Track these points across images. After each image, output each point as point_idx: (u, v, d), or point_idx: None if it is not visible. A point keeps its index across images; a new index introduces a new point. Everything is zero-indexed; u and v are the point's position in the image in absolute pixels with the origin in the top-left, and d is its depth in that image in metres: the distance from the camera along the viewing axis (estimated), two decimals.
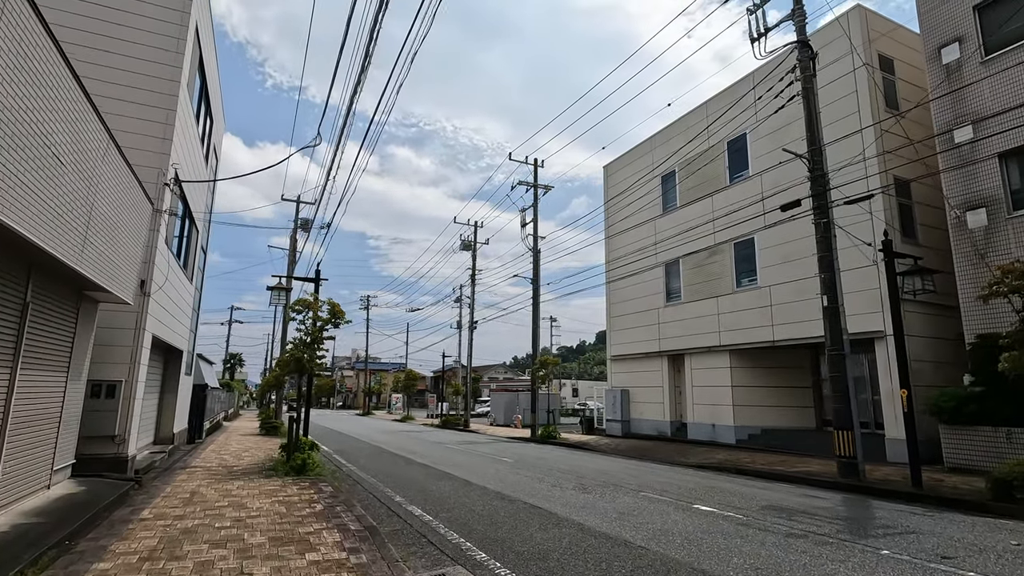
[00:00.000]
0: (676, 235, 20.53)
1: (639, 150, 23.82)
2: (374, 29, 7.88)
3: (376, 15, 7.63)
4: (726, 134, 18.88)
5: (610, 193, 25.07)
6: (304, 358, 11.53)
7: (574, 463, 13.61)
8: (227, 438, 19.53)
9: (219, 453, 14.27)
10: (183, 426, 16.13)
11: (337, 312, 11.58)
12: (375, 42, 8.15)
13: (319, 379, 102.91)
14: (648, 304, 22.06)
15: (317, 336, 11.75)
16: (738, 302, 17.94)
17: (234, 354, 53.97)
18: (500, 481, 10.31)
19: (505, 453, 16.03)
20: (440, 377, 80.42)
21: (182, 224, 13.01)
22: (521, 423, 30.50)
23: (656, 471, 12.42)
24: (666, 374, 20.87)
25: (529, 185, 25.28)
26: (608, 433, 22.84)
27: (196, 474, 10.30)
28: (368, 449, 17.15)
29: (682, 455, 15.59)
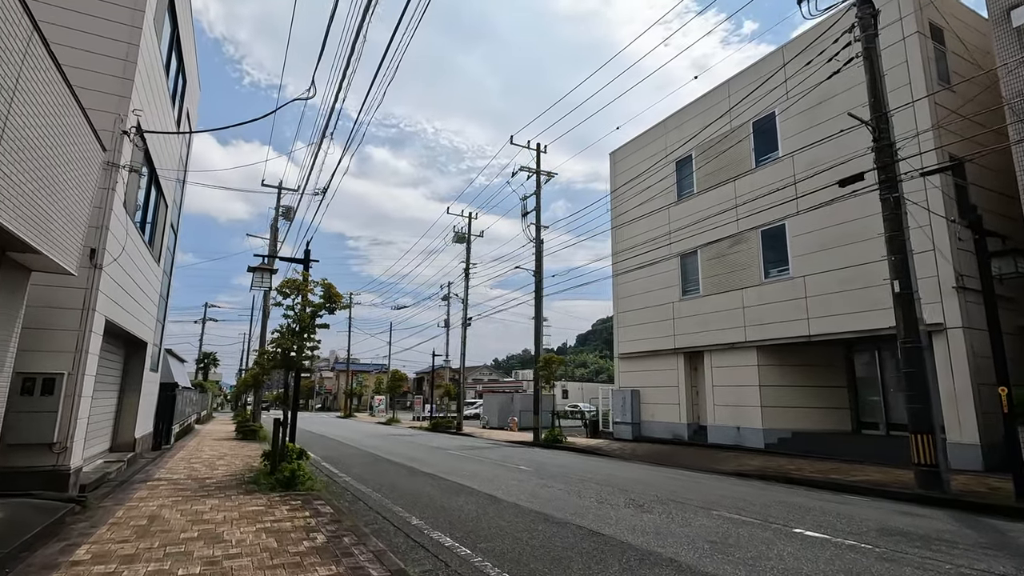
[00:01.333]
0: (693, 224, 19.09)
1: (650, 134, 22.36)
2: (358, 37, 7.43)
3: (360, 24, 7.21)
4: (752, 114, 17.51)
5: (617, 181, 23.57)
6: (293, 350, 9.69)
7: (602, 472, 11.97)
8: (199, 443, 17.45)
9: (189, 461, 12.29)
10: (147, 430, 14.07)
11: (333, 295, 9.76)
12: (359, 56, 7.41)
13: None
14: (661, 298, 20.57)
15: (308, 324, 9.91)
16: (766, 294, 16.53)
17: (208, 353, 51.13)
18: (532, 496, 8.61)
19: (516, 459, 14.32)
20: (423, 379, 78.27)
21: (148, 192, 11.05)
22: (517, 426, 28.80)
23: (701, 481, 10.84)
24: (682, 373, 19.39)
25: (531, 171, 23.65)
26: (616, 436, 21.28)
27: (159, 490, 8.39)
28: (361, 456, 15.28)
29: (712, 461, 14.09)
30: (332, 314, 9.98)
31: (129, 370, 12.41)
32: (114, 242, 8.29)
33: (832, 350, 16.34)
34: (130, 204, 9.28)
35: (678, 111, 21.29)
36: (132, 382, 12.38)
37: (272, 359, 9.89)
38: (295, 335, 9.82)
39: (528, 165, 23.69)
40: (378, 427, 33.63)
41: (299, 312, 9.97)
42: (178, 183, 14.79)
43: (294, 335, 9.81)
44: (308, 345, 9.92)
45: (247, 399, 48.94)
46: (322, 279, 9.88)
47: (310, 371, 13.62)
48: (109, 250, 8.09)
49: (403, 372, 43.27)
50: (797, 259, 15.75)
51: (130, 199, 9.24)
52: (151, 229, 12.00)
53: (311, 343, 9.95)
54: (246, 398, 47.97)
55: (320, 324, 10.08)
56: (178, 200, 15.49)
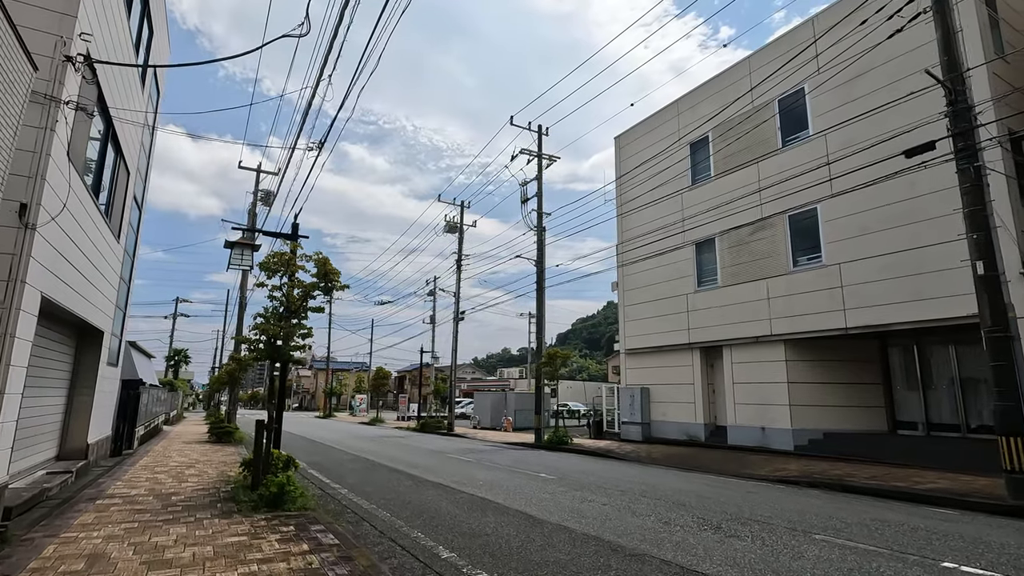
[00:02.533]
0: (710, 210, 17.81)
1: (661, 116, 21.02)
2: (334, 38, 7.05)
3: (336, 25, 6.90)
4: (778, 91, 16.26)
5: (624, 166, 22.20)
6: (279, 338, 8.00)
7: (633, 479, 10.51)
8: (167, 447, 15.53)
9: (153, 470, 10.49)
10: (104, 433, 12.19)
11: (329, 272, 8.09)
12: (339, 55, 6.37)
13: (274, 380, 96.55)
14: (673, 289, 19.25)
15: (299, 307, 8.24)
16: (795, 284, 15.29)
17: (179, 350, 48.43)
18: (576, 515, 7.10)
19: (530, 465, 12.79)
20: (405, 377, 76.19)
21: (103, 149, 9.22)
22: (512, 426, 27.29)
23: (754, 491, 9.46)
24: (698, 369, 18.08)
25: (532, 154, 22.14)
26: (624, 437, 19.90)
27: (111, 512, 6.66)
28: (353, 462, 13.59)
29: (742, 465, 12.79)
30: (328, 295, 8.33)
31: (81, 364, 10.54)
32: (53, 198, 6.52)
33: (865, 344, 15.19)
34: (78, 157, 7.49)
35: (692, 91, 19.99)
36: (85, 378, 10.52)
37: (254, 349, 8.19)
38: (282, 320, 8.13)
39: (529, 148, 22.17)
40: (362, 428, 31.78)
41: (287, 292, 8.29)
42: (143, 151, 12.89)
43: (281, 319, 8.13)
44: (299, 332, 8.24)
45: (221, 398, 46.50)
46: (316, 253, 8.22)
47: (301, 363, 11.74)
48: (46, 206, 6.32)
49: (387, 370, 41.33)
50: (831, 245, 14.53)
51: (78, 150, 7.46)
52: (109, 196, 10.16)
53: (302, 330, 8.27)
54: (219, 397, 45.56)
55: (313, 307, 8.41)
56: (143, 171, 13.58)
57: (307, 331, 8.28)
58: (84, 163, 7.85)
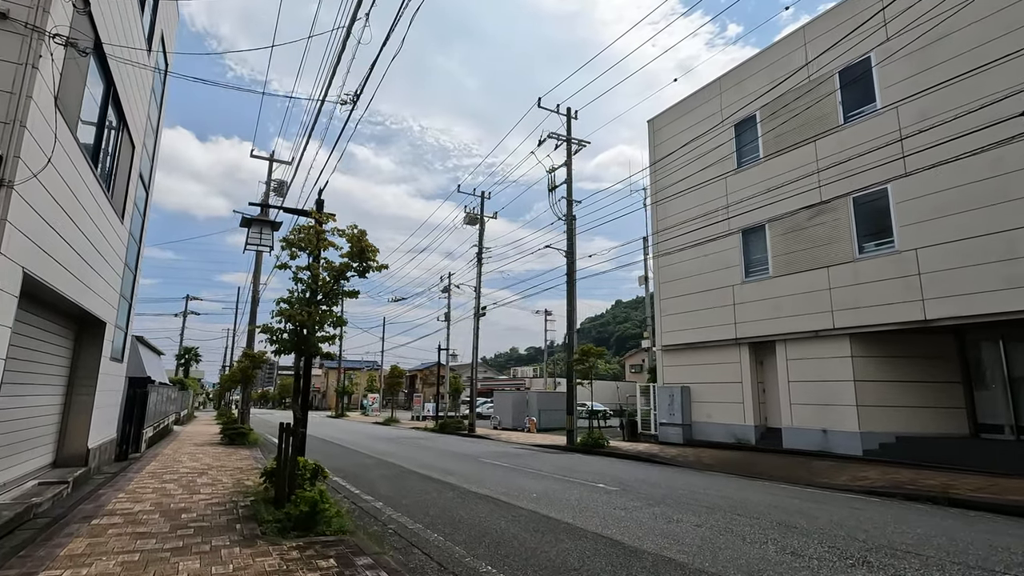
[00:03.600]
0: (759, 195, 16.45)
1: (700, 96, 19.65)
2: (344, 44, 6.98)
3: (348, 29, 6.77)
4: (839, 63, 14.85)
5: (659, 151, 20.84)
6: (308, 325, 6.76)
7: (709, 491, 9.20)
8: (177, 450, 14.40)
9: (162, 479, 9.31)
10: (108, 435, 11.04)
11: (366, 249, 6.84)
12: None
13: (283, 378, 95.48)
14: (717, 281, 17.89)
15: (330, 290, 7.00)
16: (862, 272, 13.90)
17: (189, 348, 47.50)
18: (676, 542, 5.81)
19: (577, 472, 11.50)
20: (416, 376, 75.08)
21: (103, 111, 8.03)
22: (536, 427, 26.02)
23: (863, 508, 8.11)
24: (746, 367, 16.72)
25: (561, 138, 20.83)
26: (662, 440, 18.57)
27: (108, 536, 5.45)
28: (379, 467, 12.37)
29: (812, 472, 11.47)
30: (363, 277, 7.07)
31: (81, 358, 9.38)
32: (35, 151, 5.32)
33: (940, 339, 13.77)
34: (69, 109, 6.29)
35: (736, 68, 18.61)
36: (85, 374, 9.36)
37: (276, 340, 6.96)
38: (311, 305, 6.89)
39: (558, 132, 20.85)
40: (377, 428, 30.64)
41: (314, 272, 7.06)
42: (150, 126, 11.73)
43: (308, 305, 6.89)
44: (330, 320, 7.00)
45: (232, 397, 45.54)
46: (349, 226, 6.96)
47: (330, 356, 10.23)
48: (26, 160, 5.12)
49: (402, 369, 40.19)
50: (906, 229, 13.12)
51: (69, 100, 6.26)
52: (110, 168, 8.98)
53: (332, 317, 7.03)
54: (231, 396, 44.60)
55: (347, 291, 7.17)
56: (151, 150, 12.41)
57: (339, 319, 7.03)
58: (77, 118, 6.65)
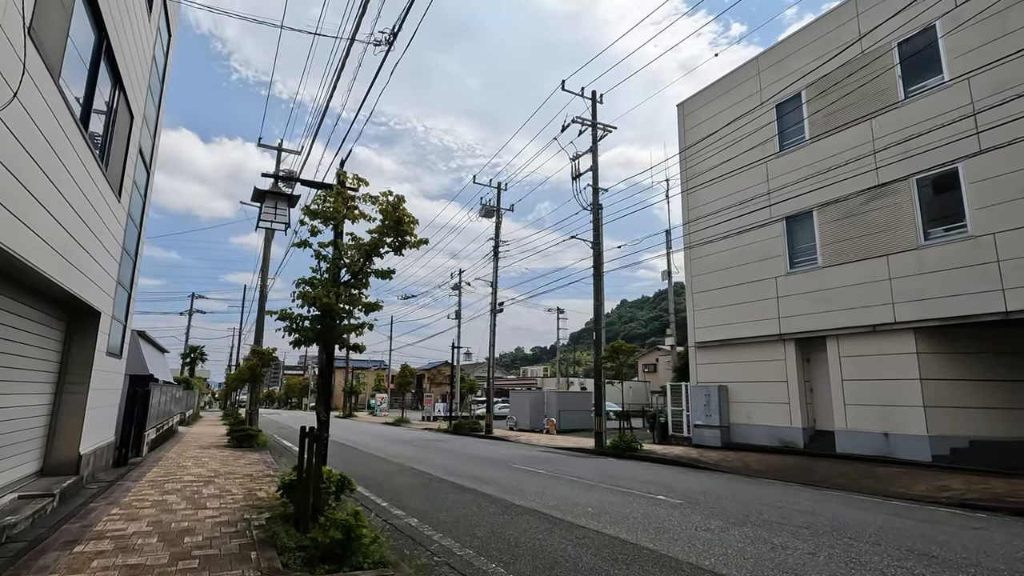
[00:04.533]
0: (805, 179, 15.25)
1: (736, 76, 18.46)
2: None
3: None
4: (898, 34, 13.64)
5: (690, 137, 19.66)
6: (333, 310, 5.64)
7: (790, 506, 8.03)
8: (181, 454, 13.33)
9: (163, 489, 8.21)
10: (104, 439, 9.96)
11: (403, 218, 5.71)
12: None
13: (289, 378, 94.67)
14: (757, 273, 16.69)
15: (359, 268, 5.87)
16: (928, 260, 12.69)
17: (195, 347, 46.57)
18: (784, 571, 4.65)
19: (624, 480, 10.34)
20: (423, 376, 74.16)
21: (95, 64, 6.93)
22: (555, 428, 24.87)
23: (984, 527, 6.93)
24: (792, 364, 15.51)
25: (586, 123, 19.68)
26: (697, 442, 17.38)
27: (91, 569, 4.34)
28: (401, 473, 11.25)
29: (879, 480, 10.32)
30: (399, 253, 5.93)
31: (72, 352, 8.29)
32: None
33: (1018, 332, 12.53)
34: (48, 46, 5.19)
35: (776, 45, 17.41)
36: (77, 370, 8.27)
37: (297, 329, 5.84)
38: (339, 287, 5.77)
39: (583, 116, 19.70)
40: (389, 429, 29.55)
41: (339, 249, 5.93)
42: (151, 97, 10.63)
43: (336, 286, 5.76)
44: (361, 304, 5.87)
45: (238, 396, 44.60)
46: (383, 193, 5.83)
47: (358, 349, 6.48)
48: None
49: (412, 368, 39.11)
50: (980, 212, 11.91)
51: (48, 35, 5.16)
52: (105, 135, 7.88)
53: (363, 302, 5.90)
54: (237, 395, 43.64)
55: (380, 271, 6.04)
56: (152, 126, 11.32)
57: (371, 303, 5.89)
58: (60, 63, 5.55)
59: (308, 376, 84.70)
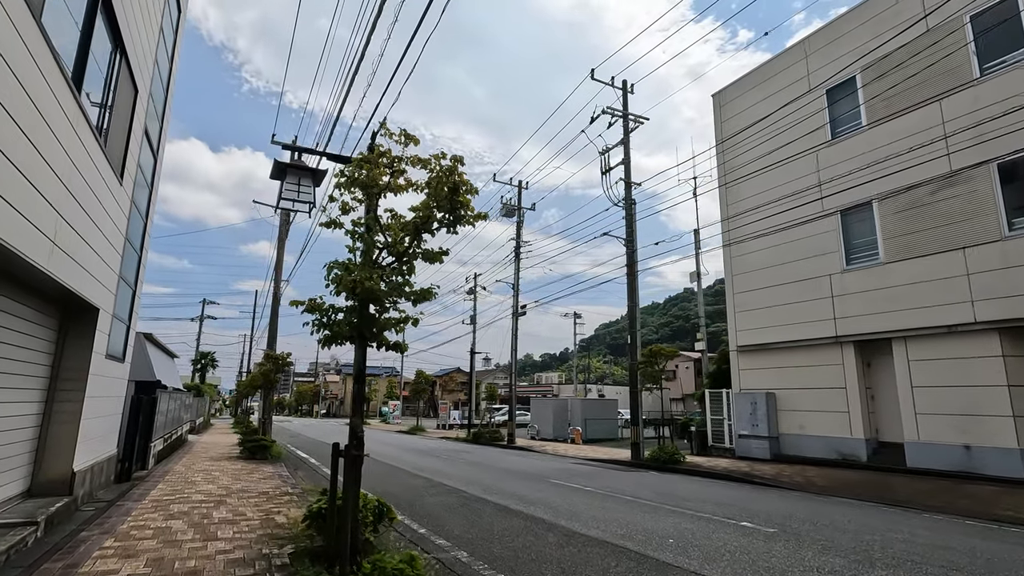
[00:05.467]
0: (862, 168, 14.05)
1: (779, 62, 17.30)
2: None
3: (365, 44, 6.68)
4: (972, 7, 12.45)
5: (727, 128, 18.51)
6: (375, 297, 4.54)
7: (896, 534, 6.80)
8: (190, 466, 12.28)
9: (167, 512, 7.13)
10: (105, 452, 8.90)
11: (460, 184, 4.60)
12: None
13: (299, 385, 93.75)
14: (808, 270, 15.45)
15: (405, 250, 4.77)
16: (1014, 253, 11.41)
17: (205, 353, 45.80)
18: None
19: (687, 500, 9.12)
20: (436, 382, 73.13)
21: (91, 17, 5.92)
22: (581, 437, 23.62)
23: None
24: (852, 369, 14.22)
25: (616, 113, 18.59)
26: (740, 454, 16.09)
27: None
28: (432, 490, 10.10)
29: (974, 500, 9.07)
30: (453, 231, 4.83)
31: (66, 354, 7.26)
32: None
33: None
34: None
35: (825, 26, 16.23)
36: (71, 375, 7.23)
37: (329, 323, 4.75)
38: (381, 270, 4.66)
39: (613, 107, 18.61)
40: (405, 438, 28.40)
41: (383, 226, 4.84)
42: (158, 72, 9.65)
43: (376, 268, 4.66)
44: (407, 292, 4.77)
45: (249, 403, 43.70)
46: (435, 155, 4.73)
47: (400, 349, 5.07)
48: None
49: (428, 374, 38.02)
50: None
51: None
52: (104, 105, 6.87)
53: (411, 289, 4.80)
54: (248, 402, 42.74)
55: (429, 253, 4.93)
56: (159, 107, 10.34)
57: (421, 293, 4.78)
58: (42, 4, 4.53)
59: (319, 383, 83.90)
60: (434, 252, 4.87)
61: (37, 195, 4.92)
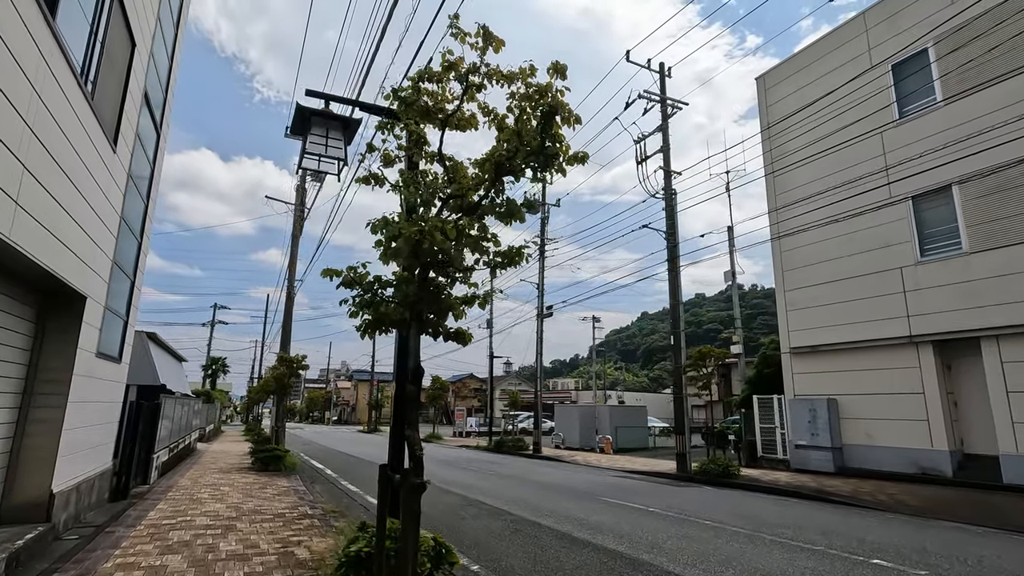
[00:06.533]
0: (937, 148, 12.63)
1: (834, 38, 15.93)
2: None
3: None
4: None
5: (773, 113, 17.14)
6: (445, 258, 3.25)
7: None
8: (197, 480, 11.03)
9: (164, 544, 5.85)
10: (96, 467, 7.65)
11: (559, 110, 3.33)
12: None
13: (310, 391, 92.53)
14: (873, 263, 14.00)
15: (472, 203, 3.47)
16: None
17: (216, 358, 44.81)
18: None
19: (781, 527, 7.70)
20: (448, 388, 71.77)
21: None
22: (611, 446, 22.17)
23: None
24: (930, 373, 12.73)
25: (653, 98, 17.28)
26: (796, 466, 14.61)
27: None
28: (474, 512, 8.75)
29: None
30: (543, 174, 3.53)
31: (45, 352, 6.03)
32: None
33: None
34: None
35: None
36: (51, 376, 6.00)
37: (369, 299, 3.48)
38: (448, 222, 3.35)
39: (650, 91, 17.31)
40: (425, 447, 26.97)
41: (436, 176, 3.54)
42: (159, 30, 8.47)
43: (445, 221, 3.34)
44: (492, 249, 3.47)
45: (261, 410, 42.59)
46: (524, 69, 3.45)
47: (466, 337, 3.80)
48: None
49: (444, 380, 36.73)
50: None
51: None
52: (90, 52, 5.66)
53: (490, 247, 3.50)
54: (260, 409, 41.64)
55: (515, 204, 3.61)
56: (163, 75, 9.16)
57: (508, 254, 3.48)
58: None
59: (329, 389, 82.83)
60: (525, 202, 3.55)
61: (9, 156, 3.69)
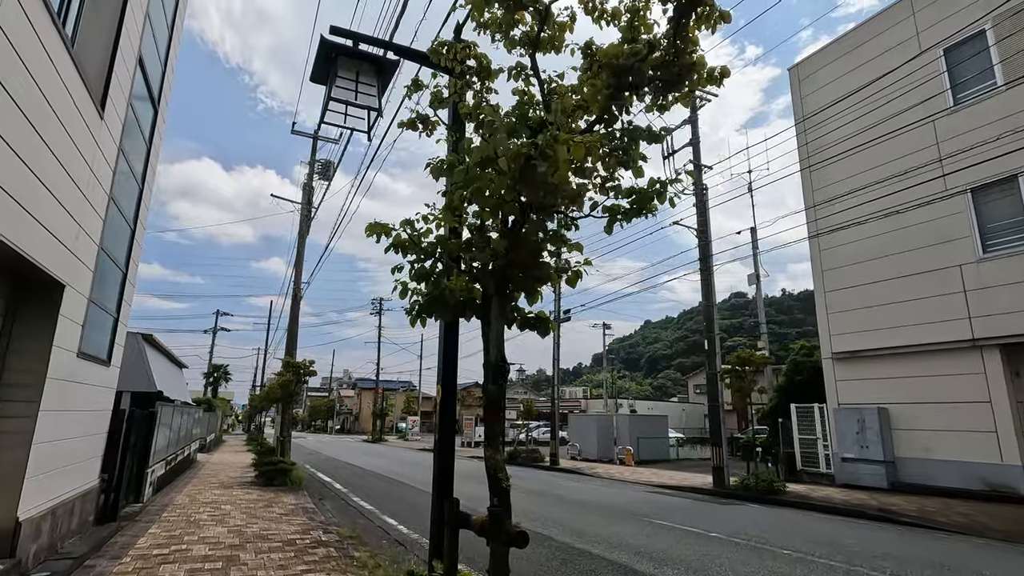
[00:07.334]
0: (998, 136, 11.64)
1: (873, 26, 15.01)
2: None
3: None
4: None
5: (809, 104, 16.19)
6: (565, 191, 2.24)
7: None
8: (195, 497, 9.97)
9: None
10: (78, 487, 6.60)
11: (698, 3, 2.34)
12: None
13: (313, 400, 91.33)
14: (928, 261, 12.97)
15: (602, 107, 2.45)
16: None
17: (218, 365, 43.77)
18: None
19: (870, 558, 6.62)
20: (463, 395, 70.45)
21: None
22: (633, 458, 21.03)
23: None
24: (997, 379, 11.65)
25: None
26: (844, 481, 13.49)
27: None
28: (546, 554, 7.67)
29: None
30: (663, 100, 2.54)
31: (12, 350, 5.02)
32: None
33: None
34: None
35: None
36: (18, 377, 4.98)
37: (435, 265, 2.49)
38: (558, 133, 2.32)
39: None
40: (430, 457, 25.86)
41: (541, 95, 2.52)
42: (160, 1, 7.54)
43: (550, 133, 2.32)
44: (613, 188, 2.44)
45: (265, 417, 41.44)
46: None
47: (547, 326, 3.07)
48: None
49: None
50: None
51: None
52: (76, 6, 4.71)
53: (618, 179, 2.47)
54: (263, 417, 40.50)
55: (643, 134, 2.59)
56: (163, 46, 8.22)
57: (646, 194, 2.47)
58: None
59: (332, 397, 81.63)
60: (643, 132, 2.53)
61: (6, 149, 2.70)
